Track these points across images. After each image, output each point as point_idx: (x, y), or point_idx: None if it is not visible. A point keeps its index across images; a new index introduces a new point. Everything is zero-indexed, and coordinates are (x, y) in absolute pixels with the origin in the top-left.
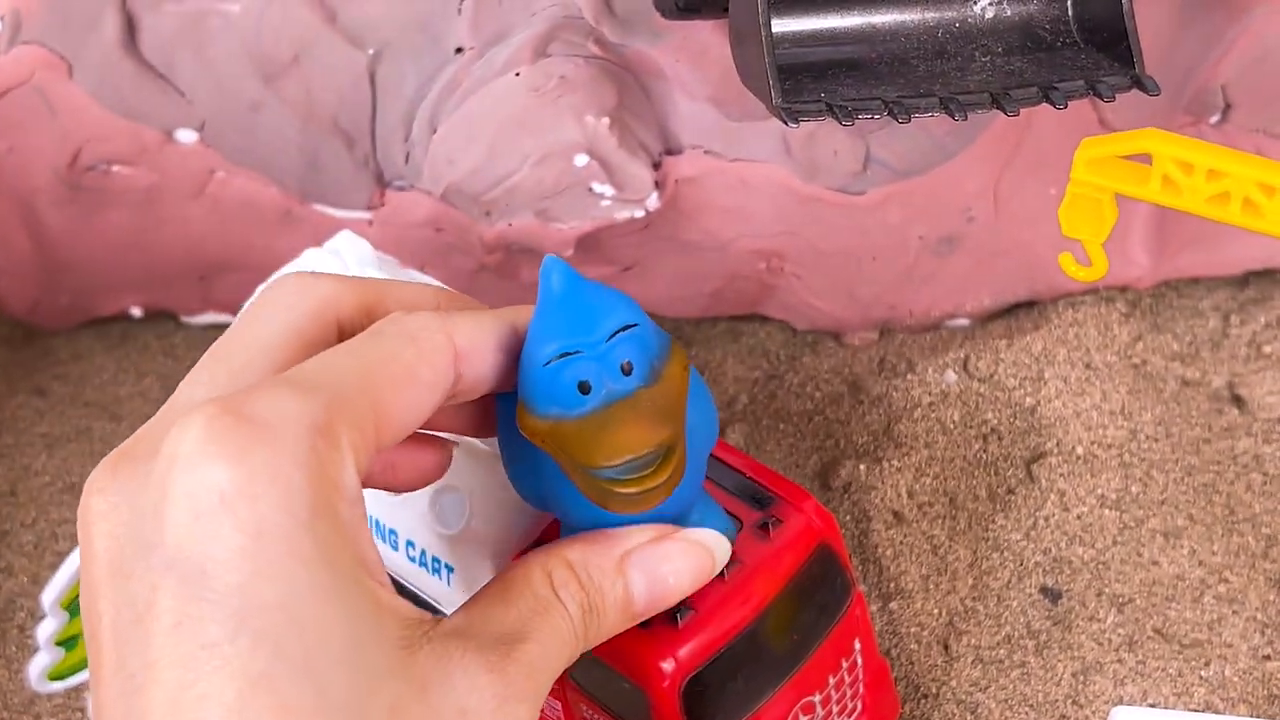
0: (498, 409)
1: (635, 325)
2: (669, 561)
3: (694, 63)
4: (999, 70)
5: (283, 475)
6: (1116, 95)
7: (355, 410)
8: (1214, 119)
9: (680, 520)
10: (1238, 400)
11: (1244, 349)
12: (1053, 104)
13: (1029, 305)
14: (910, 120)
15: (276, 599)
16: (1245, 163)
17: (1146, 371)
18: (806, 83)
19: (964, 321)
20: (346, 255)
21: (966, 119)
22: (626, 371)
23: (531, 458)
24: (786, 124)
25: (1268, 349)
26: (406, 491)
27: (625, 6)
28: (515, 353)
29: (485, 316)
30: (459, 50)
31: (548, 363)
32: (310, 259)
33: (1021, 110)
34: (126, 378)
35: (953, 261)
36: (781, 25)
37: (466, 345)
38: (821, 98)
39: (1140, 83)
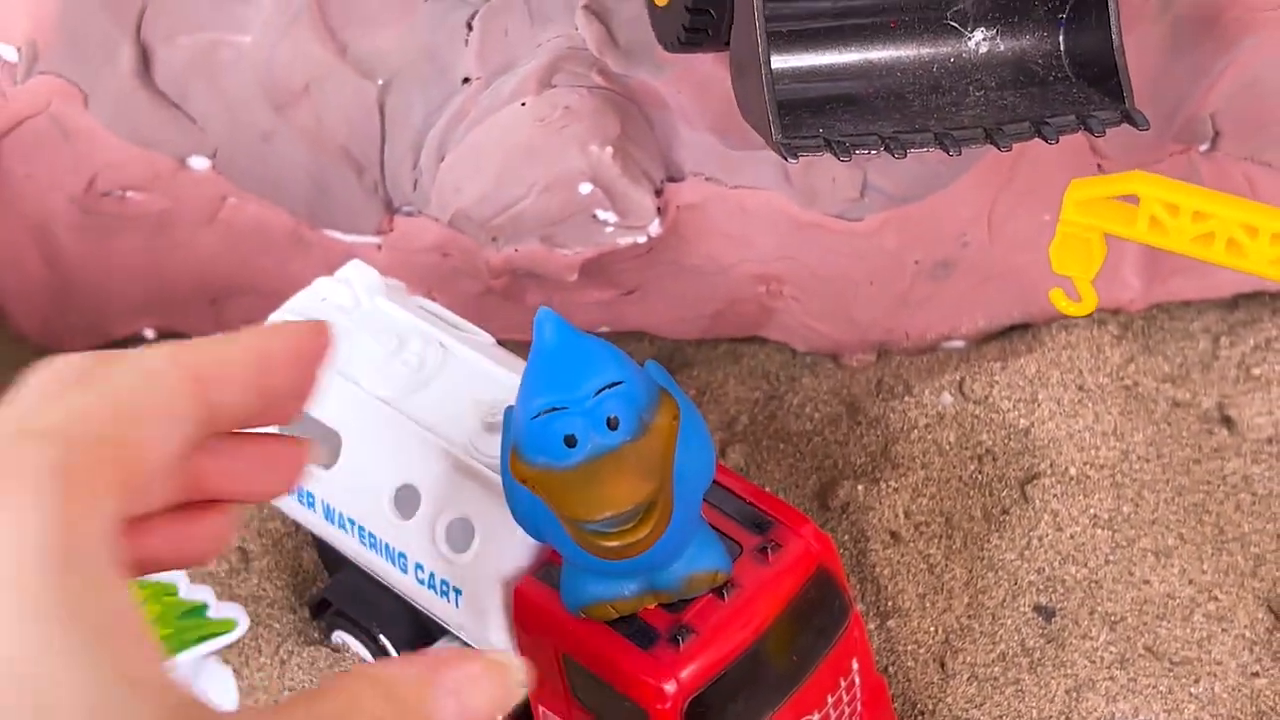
0: (501, 449)
1: (621, 382)
2: (475, 684)
3: (695, 93)
4: (992, 105)
5: (20, 523)
6: (1107, 130)
7: (100, 450)
8: (1203, 147)
9: (675, 556)
10: (1227, 421)
11: (1233, 370)
12: (1044, 139)
13: (1023, 327)
14: (906, 156)
15: (3, 658)
16: (1229, 204)
17: (1138, 393)
18: (805, 118)
19: (959, 343)
20: (356, 284)
21: (961, 154)
22: (613, 426)
23: (528, 496)
24: (786, 160)
25: (1256, 371)
26: (199, 565)
27: (628, 38)
28: (280, 375)
29: (229, 343)
30: (466, 80)
31: (536, 415)
32: (321, 288)
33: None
34: None
35: (948, 285)
36: (781, 61)
37: (209, 370)
38: (820, 133)
39: (1130, 117)
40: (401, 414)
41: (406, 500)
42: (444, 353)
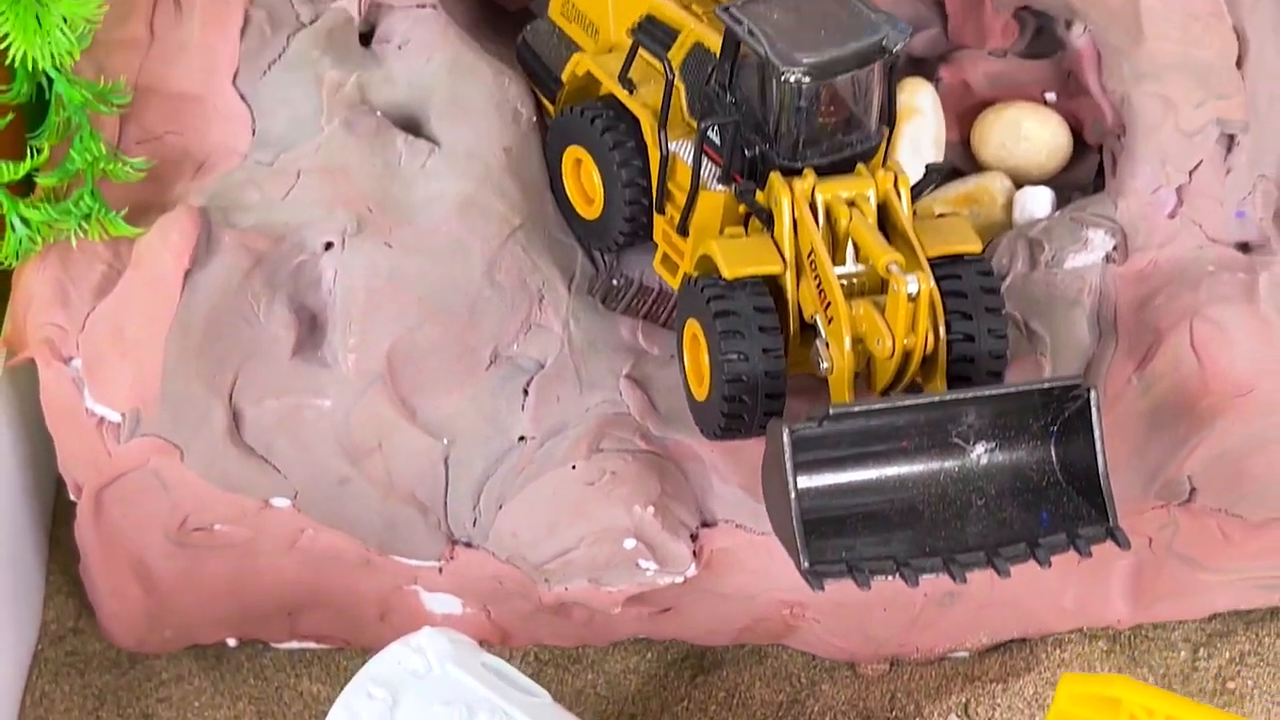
0: None
1: None
2: None
3: (726, 455)
4: (993, 517)
5: None
6: (1092, 549)
7: None
8: (1180, 501)
9: None
10: None
11: (1211, 683)
12: (1039, 561)
13: (1021, 642)
14: (918, 584)
15: None
16: (1199, 712)
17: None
18: (829, 534)
19: (964, 654)
20: (428, 651)
21: (966, 582)
22: None
23: None
24: (812, 588)
25: (1232, 684)
26: None
27: (667, 405)
28: None
29: None
30: (522, 438)
31: None
32: (394, 653)
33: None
34: (223, 700)
35: (954, 610)
36: (806, 481)
37: None
38: (843, 556)
39: (1114, 536)
40: None
41: None
42: None
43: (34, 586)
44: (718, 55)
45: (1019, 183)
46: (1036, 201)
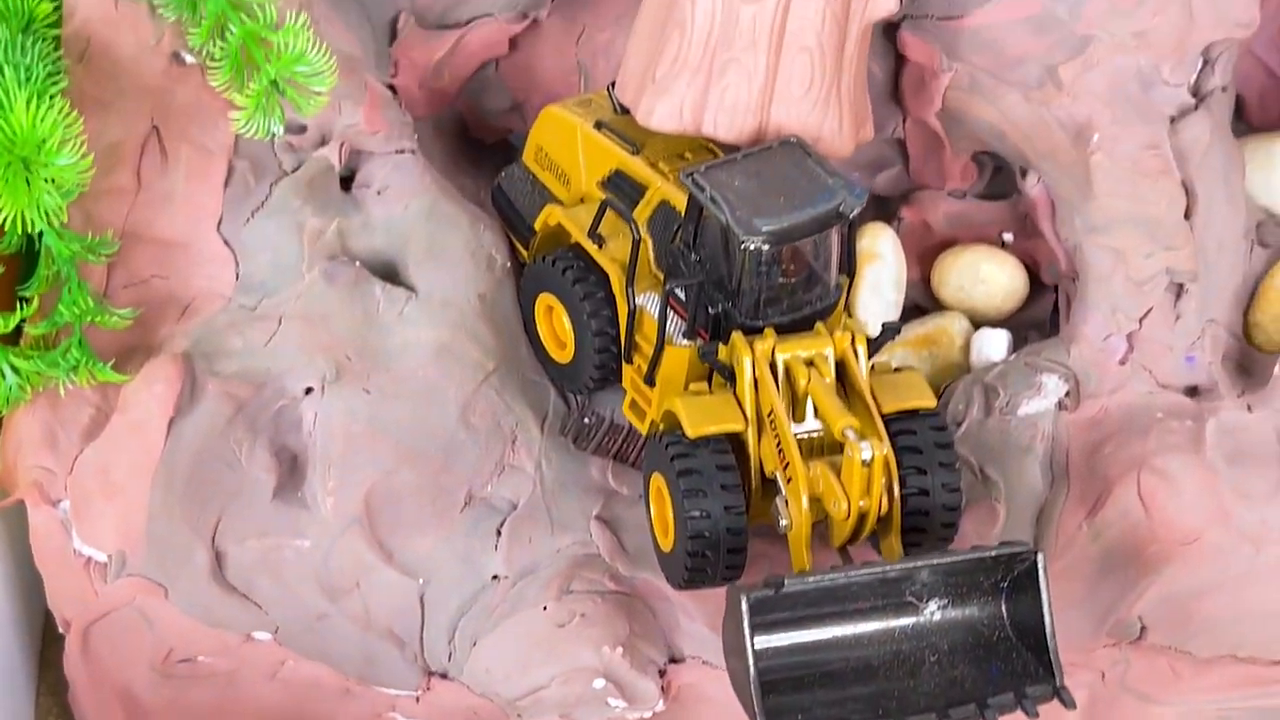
0: None
1: None
2: None
3: (694, 595)
4: (944, 675)
5: None
6: (1039, 709)
7: None
8: (1131, 639)
9: None
10: None
11: None
12: None
13: None
14: None
15: None
16: None
17: None
18: (786, 692)
19: None
20: None
21: None
22: None
23: None
24: None
25: None
26: None
27: (635, 544)
28: None
29: None
30: (495, 578)
31: None
32: None
33: None
34: None
35: None
36: (764, 641)
37: None
38: (799, 719)
39: (1060, 696)
40: None
41: None
42: None
43: (24, 709)
44: (682, 214)
45: (977, 322)
46: (993, 344)
